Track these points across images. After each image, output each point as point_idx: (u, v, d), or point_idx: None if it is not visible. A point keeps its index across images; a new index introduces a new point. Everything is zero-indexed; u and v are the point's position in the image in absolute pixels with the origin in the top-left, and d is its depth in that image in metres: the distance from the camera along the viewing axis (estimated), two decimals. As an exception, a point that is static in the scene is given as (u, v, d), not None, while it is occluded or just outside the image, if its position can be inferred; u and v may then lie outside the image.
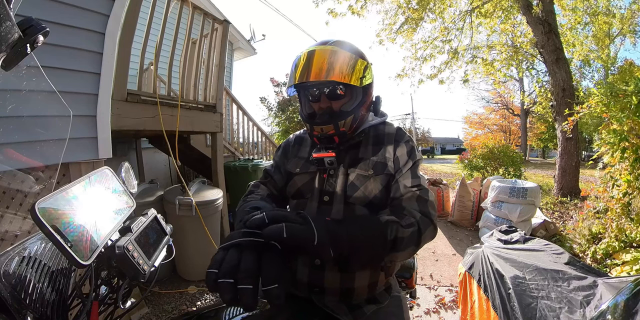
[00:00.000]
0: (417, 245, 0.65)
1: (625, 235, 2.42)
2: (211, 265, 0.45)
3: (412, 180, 0.75)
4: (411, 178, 0.75)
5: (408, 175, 0.76)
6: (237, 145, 4.63)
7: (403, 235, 0.62)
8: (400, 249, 0.61)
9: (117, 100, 1.87)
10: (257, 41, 7.51)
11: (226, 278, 0.43)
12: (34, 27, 0.39)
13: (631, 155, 2.33)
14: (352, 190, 0.76)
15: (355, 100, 0.78)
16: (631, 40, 10.66)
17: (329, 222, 0.55)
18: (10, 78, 0.98)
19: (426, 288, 2.44)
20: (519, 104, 17.80)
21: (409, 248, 0.63)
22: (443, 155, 35.08)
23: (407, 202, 0.72)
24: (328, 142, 0.79)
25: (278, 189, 0.89)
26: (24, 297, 0.48)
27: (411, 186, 0.74)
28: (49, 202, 0.46)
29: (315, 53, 0.73)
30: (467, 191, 3.99)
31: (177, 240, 1.03)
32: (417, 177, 0.76)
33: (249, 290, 0.41)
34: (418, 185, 0.74)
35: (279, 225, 0.47)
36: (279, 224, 0.47)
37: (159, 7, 2.27)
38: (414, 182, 0.75)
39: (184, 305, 2.15)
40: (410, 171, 0.76)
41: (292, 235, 0.47)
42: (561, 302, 1.06)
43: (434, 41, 7.25)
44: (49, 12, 1.42)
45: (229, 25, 2.91)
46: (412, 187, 0.74)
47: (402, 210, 0.70)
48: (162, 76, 3.40)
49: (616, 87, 2.62)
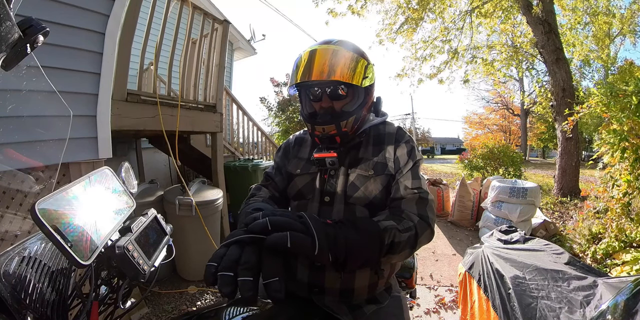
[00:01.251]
0: (412, 248, 0.66)
1: (625, 235, 2.42)
2: (211, 259, 0.45)
3: (413, 181, 0.75)
4: (412, 179, 0.75)
5: (409, 175, 0.75)
6: (237, 145, 4.63)
7: (400, 240, 0.62)
8: (396, 252, 0.62)
9: (117, 100, 1.87)
10: (257, 41, 7.53)
11: (226, 271, 0.43)
12: (34, 27, 0.39)
13: (631, 155, 2.33)
14: (352, 191, 0.76)
15: (357, 101, 0.78)
16: (631, 40, 10.65)
17: (329, 226, 0.55)
18: (10, 78, 0.98)
19: (426, 288, 2.44)
20: (519, 104, 17.79)
21: (404, 251, 0.64)
22: (443, 155, 35.06)
23: (407, 204, 0.72)
24: (329, 142, 0.78)
25: (279, 191, 0.89)
26: (24, 297, 0.48)
27: (412, 188, 0.74)
28: (49, 202, 0.46)
29: (317, 52, 0.72)
30: (467, 191, 3.99)
31: (177, 240, 1.03)
32: (418, 178, 0.76)
33: (248, 282, 0.41)
34: (418, 187, 0.74)
35: (283, 234, 0.47)
36: (282, 233, 0.47)
37: (159, 7, 2.27)
38: (415, 183, 0.74)
39: (184, 305, 2.15)
40: (411, 172, 0.76)
41: (296, 246, 0.47)
42: (561, 302, 1.06)
43: (433, 41, 7.25)
44: (49, 12, 1.42)
45: (229, 25, 2.91)
46: (413, 189, 0.73)
47: (400, 212, 0.70)
48: (162, 76, 3.40)
49: (616, 87, 2.62)
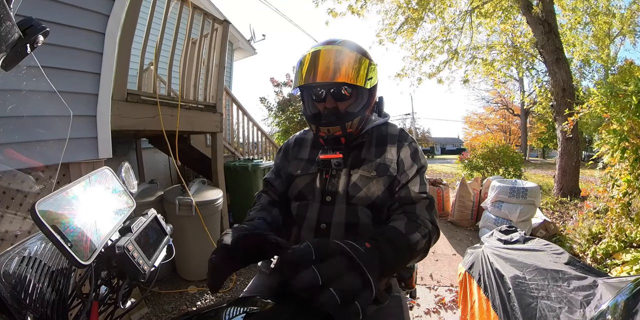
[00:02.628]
0: (426, 252, 0.68)
1: (625, 235, 2.42)
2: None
3: (420, 186, 0.76)
4: (419, 184, 0.76)
5: (417, 181, 0.76)
6: (237, 145, 4.63)
7: (421, 247, 0.65)
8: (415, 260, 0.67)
9: (117, 100, 1.87)
10: (257, 41, 7.52)
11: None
12: (34, 27, 0.38)
13: (631, 155, 2.33)
14: (354, 191, 0.76)
15: (361, 102, 0.77)
16: (631, 40, 10.66)
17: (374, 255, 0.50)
18: (10, 78, 0.98)
19: (426, 288, 2.44)
20: (519, 104, 17.79)
21: (419, 255, 0.67)
22: (443, 155, 35.07)
23: (420, 209, 0.72)
24: (334, 143, 0.78)
25: (279, 195, 0.89)
26: (24, 297, 0.48)
27: (419, 192, 0.75)
28: (49, 202, 0.46)
29: (321, 53, 0.72)
30: (467, 191, 3.99)
31: (177, 240, 1.03)
32: (424, 183, 0.77)
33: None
34: (425, 192, 0.75)
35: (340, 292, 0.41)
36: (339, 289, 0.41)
37: (159, 7, 2.27)
38: (422, 188, 0.76)
39: (184, 305, 2.15)
40: (419, 177, 0.77)
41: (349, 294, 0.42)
42: (561, 302, 1.06)
43: (433, 41, 7.25)
44: (49, 12, 1.42)
45: (229, 25, 2.91)
46: (422, 193, 0.75)
47: (416, 218, 0.71)
48: (162, 76, 3.40)
49: (616, 87, 2.61)
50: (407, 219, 0.70)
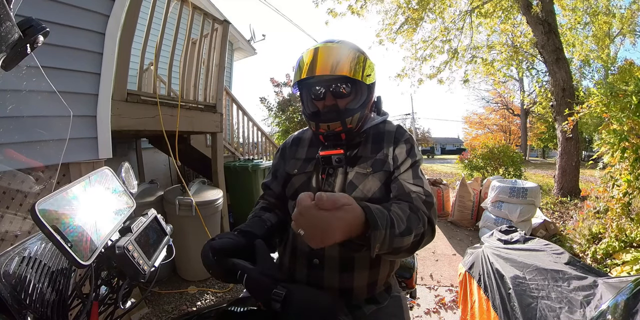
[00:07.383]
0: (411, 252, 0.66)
1: (625, 235, 2.41)
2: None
3: (415, 180, 0.73)
4: (413, 178, 0.74)
5: (409, 175, 0.74)
6: (237, 145, 4.63)
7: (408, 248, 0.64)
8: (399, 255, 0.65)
9: (117, 100, 1.87)
10: (257, 41, 7.51)
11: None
12: (34, 27, 0.38)
13: (631, 155, 2.33)
14: (350, 190, 0.75)
15: (361, 98, 0.78)
16: (631, 40, 10.67)
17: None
18: (10, 78, 0.98)
19: (426, 288, 2.44)
20: (519, 104, 17.79)
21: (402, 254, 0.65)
22: (443, 155, 35.04)
23: (419, 203, 0.69)
24: (335, 139, 0.78)
25: (276, 197, 0.90)
26: (24, 297, 0.48)
27: (414, 184, 0.72)
28: (49, 203, 0.46)
29: (320, 49, 0.73)
30: (467, 191, 3.99)
31: (177, 241, 1.03)
32: (419, 177, 0.74)
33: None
34: (422, 186, 0.72)
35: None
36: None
37: (159, 7, 2.27)
38: (417, 182, 0.73)
39: (184, 305, 2.15)
40: (412, 171, 0.75)
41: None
42: (561, 302, 1.06)
43: (434, 41, 7.25)
44: (49, 12, 1.42)
45: (229, 25, 2.91)
46: (418, 187, 0.72)
47: (417, 210, 0.67)
48: (162, 76, 3.40)
49: (616, 87, 2.62)
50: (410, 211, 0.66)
